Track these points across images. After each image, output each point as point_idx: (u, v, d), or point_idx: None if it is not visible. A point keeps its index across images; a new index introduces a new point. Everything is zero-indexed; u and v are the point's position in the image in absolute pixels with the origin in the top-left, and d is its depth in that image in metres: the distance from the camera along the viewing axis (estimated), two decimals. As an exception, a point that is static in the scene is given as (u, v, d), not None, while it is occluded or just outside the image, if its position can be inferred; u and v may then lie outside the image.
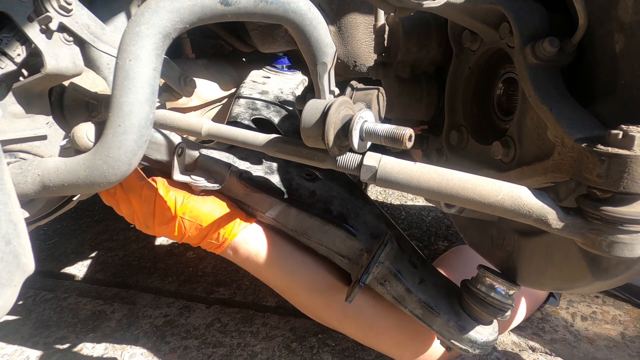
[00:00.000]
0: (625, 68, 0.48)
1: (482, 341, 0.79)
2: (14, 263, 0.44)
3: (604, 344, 1.09)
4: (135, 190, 0.81)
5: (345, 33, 1.02)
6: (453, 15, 0.60)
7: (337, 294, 0.93)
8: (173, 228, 0.85)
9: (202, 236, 0.87)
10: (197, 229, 0.86)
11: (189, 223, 0.85)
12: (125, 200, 0.83)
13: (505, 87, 0.68)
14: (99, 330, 1.18)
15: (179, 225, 0.85)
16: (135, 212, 0.84)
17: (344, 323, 0.97)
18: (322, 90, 0.57)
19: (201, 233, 0.87)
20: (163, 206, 0.83)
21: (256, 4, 0.48)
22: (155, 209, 0.82)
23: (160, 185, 0.83)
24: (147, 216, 0.83)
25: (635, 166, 0.41)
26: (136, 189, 0.81)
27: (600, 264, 0.53)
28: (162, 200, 0.82)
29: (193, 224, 0.85)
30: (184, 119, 0.66)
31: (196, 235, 0.87)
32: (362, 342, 1.00)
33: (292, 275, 0.93)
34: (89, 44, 0.58)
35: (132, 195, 0.82)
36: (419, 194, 0.52)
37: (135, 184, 0.82)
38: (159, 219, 0.84)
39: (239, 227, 0.89)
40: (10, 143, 0.55)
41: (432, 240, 1.55)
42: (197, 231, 0.86)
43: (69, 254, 1.55)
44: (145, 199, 0.82)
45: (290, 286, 0.95)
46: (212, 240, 0.88)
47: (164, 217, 0.84)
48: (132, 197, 0.82)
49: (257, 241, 0.91)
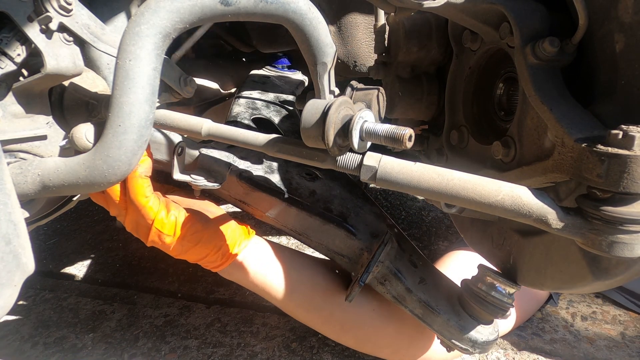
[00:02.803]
0: (625, 68, 0.48)
1: (483, 340, 0.79)
2: (14, 263, 0.44)
3: (604, 344, 1.09)
4: (138, 203, 0.76)
5: (345, 33, 1.02)
6: (453, 15, 0.60)
7: (336, 310, 0.94)
8: (168, 247, 0.81)
9: (201, 257, 0.85)
10: (195, 251, 0.83)
11: (188, 245, 0.81)
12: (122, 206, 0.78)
13: (505, 87, 0.68)
14: (99, 330, 1.18)
15: (177, 245, 0.81)
16: (129, 219, 0.79)
17: (343, 337, 0.99)
18: (322, 90, 0.56)
19: (200, 254, 0.84)
20: (162, 225, 0.78)
21: (256, 4, 0.48)
22: (152, 228, 0.78)
23: (162, 206, 0.78)
24: (141, 229, 0.79)
25: (635, 166, 0.41)
26: (139, 203, 0.76)
27: (600, 264, 0.53)
28: (161, 221, 0.78)
29: (192, 246, 0.82)
30: (184, 119, 0.66)
31: (194, 256, 0.84)
32: (362, 351, 1.02)
33: (291, 295, 0.93)
34: (89, 44, 0.58)
35: (132, 207, 0.76)
36: (419, 194, 0.52)
37: (140, 196, 0.75)
38: (154, 237, 0.79)
39: (239, 248, 0.88)
40: (10, 143, 0.55)
41: (432, 240, 1.54)
42: (196, 253, 0.83)
43: (69, 254, 1.55)
44: (145, 215, 0.77)
45: (288, 306, 0.96)
46: (210, 261, 0.86)
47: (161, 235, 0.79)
48: (132, 208, 0.76)
49: (255, 263, 0.90)
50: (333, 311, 0.94)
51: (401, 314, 0.93)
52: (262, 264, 0.91)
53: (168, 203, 0.80)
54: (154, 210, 0.76)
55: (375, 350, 0.99)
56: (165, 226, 0.78)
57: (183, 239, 0.80)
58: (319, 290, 0.94)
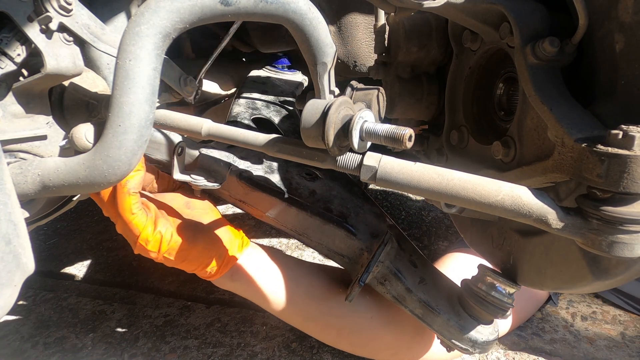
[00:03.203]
0: (625, 68, 0.48)
1: (483, 340, 0.79)
2: (14, 263, 0.44)
3: (604, 344, 1.09)
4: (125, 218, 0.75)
5: (345, 33, 1.02)
6: (453, 15, 0.60)
7: (333, 319, 0.94)
8: (155, 260, 0.81)
9: (191, 271, 0.85)
10: (183, 266, 0.83)
11: (174, 262, 0.81)
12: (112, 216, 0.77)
13: (505, 87, 0.68)
14: (99, 330, 1.18)
15: (163, 260, 0.81)
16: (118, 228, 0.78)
17: (340, 344, 1.00)
18: (322, 90, 0.56)
19: (188, 269, 0.84)
20: (147, 241, 0.77)
21: (256, 4, 0.48)
22: (137, 242, 0.77)
23: (149, 222, 0.77)
24: (129, 239, 0.78)
25: (635, 166, 0.41)
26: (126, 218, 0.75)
27: (600, 264, 0.53)
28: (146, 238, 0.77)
29: (178, 263, 0.82)
30: (184, 119, 0.66)
31: (184, 269, 0.84)
32: (360, 355, 1.02)
33: (287, 305, 0.93)
34: (89, 44, 0.58)
35: (121, 220, 0.76)
36: (419, 194, 0.52)
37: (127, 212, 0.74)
38: (139, 250, 0.79)
39: (230, 264, 0.88)
40: (10, 143, 0.55)
41: (432, 240, 1.54)
42: (184, 268, 0.83)
43: (69, 254, 1.55)
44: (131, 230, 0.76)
45: (285, 314, 0.96)
46: (201, 274, 0.86)
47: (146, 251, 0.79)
48: (120, 221, 0.76)
49: (247, 275, 0.90)
50: (330, 320, 0.94)
51: (400, 319, 0.93)
52: (255, 275, 0.90)
53: (157, 218, 0.79)
54: (140, 226, 0.76)
55: (373, 354, 1.00)
56: (150, 243, 0.77)
57: (169, 256, 0.80)
58: (315, 299, 0.94)
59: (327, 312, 0.93)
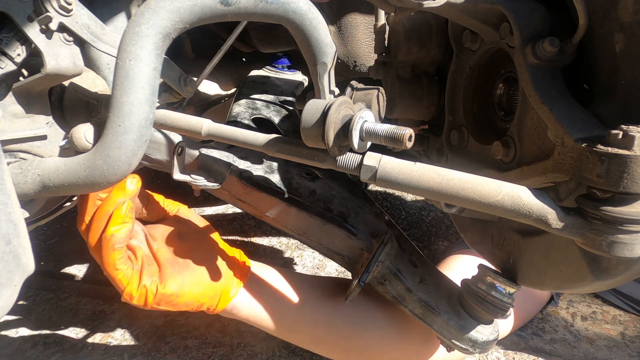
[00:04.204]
0: (625, 68, 0.48)
1: (483, 340, 0.79)
2: (14, 263, 0.44)
3: (604, 344, 1.09)
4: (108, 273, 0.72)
5: (345, 33, 1.02)
6: (453, 15, 0.60)
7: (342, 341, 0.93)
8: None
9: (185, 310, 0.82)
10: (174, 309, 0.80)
11: (163, 309, 0.78)
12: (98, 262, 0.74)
13: (505, 87, 0.68)
14: (99, 330, 1.18)
15: (151, 308, 0.77)
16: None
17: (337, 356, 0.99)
18: (322, 90, 0.56)
19: (180, 311, 0.81)
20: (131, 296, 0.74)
21: (256, 4, 0.48)
22: (122, 295, 0.74)
23: (135, 276, 0.73)
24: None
25: (635, 166, 0.41)
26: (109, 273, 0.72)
27: (601, 264, 0.53)
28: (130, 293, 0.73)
29: (168, 309, 0.79)
30: (184, 119, 0.66)
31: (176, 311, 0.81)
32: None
33: (293, 332, 0.93)
34: (89, 44, 0.58)
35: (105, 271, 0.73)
36: (419, 194, 0.52)
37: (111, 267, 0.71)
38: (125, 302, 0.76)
39: (223, 304, 0.84)
40: (10, 143, 0.55)
41: (432, 240, 1.55)
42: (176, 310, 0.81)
43: (69, 254, 1.55)
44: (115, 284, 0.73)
45: (291, 339, 0.95)
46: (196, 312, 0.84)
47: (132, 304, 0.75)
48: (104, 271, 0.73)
49: (249, 306, 0.87)
50: (339, 343, 0.93)
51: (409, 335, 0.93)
52: (255, 308, 0.87)
53: (142, 270, 0.75)
54: (125, 281, 0.72)
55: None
56: (135, 298, 0.74)
57: (157, 306, 0.77)
58: (323, 324, 0.92)
59: (336, 334, 0.92)
